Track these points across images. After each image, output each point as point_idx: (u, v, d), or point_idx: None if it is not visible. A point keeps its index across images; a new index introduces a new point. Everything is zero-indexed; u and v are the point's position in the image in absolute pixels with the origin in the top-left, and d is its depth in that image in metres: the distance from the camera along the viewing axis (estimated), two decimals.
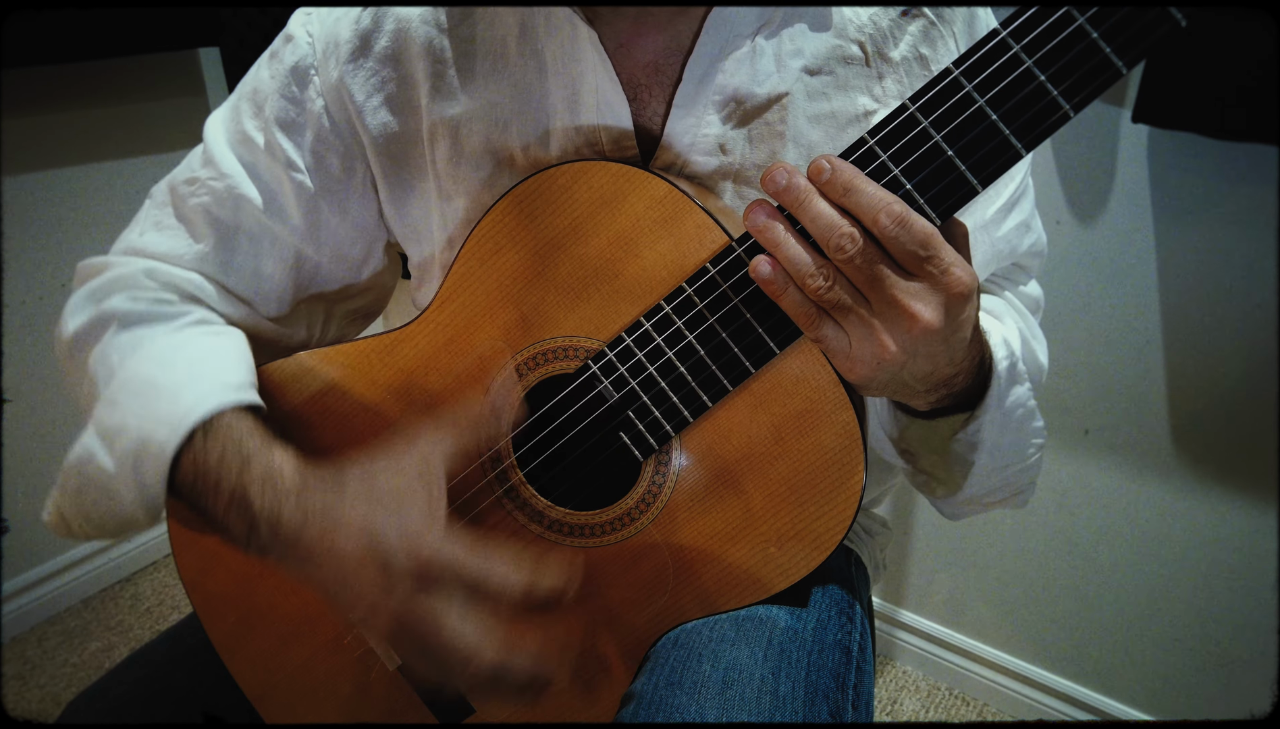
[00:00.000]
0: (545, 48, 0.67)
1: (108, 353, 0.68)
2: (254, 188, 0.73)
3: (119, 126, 1.79)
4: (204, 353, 0.68)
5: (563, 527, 0.68)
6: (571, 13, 0.64)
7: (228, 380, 0.66)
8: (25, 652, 1.78)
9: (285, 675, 0.73)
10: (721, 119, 0.67)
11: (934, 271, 0.52)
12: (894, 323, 0.53)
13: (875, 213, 0.52)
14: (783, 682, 0.63)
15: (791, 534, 0.64)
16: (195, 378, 0.65)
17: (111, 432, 0.64)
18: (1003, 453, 0.67)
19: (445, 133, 0.70)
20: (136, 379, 0.66)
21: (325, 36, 0.70)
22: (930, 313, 0.52)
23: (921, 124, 0.53)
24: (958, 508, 0.74)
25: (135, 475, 0.63)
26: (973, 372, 0.61)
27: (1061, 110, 0.51)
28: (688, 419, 0.63)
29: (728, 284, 0.60)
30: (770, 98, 0.66)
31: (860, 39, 0.66)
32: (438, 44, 0.69)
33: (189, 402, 0.63)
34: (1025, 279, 0.78)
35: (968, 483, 0.68)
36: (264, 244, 0.74)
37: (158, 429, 0.62)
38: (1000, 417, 0.64)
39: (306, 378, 0.71)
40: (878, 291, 0.53)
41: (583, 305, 0.64)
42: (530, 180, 0.64)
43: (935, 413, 0.66)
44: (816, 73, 0.67)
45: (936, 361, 0.56)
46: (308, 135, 0.72)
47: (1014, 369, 0.64)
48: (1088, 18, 0.49)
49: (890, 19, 0.66)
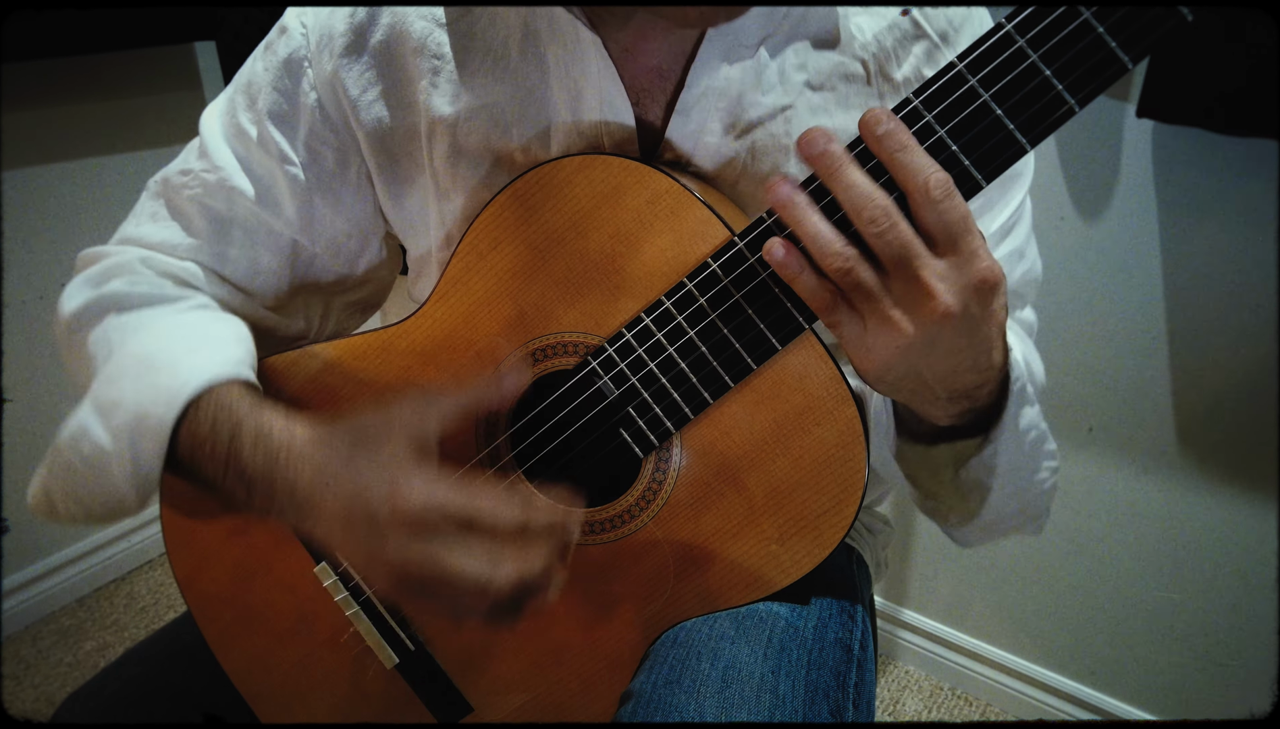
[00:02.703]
0: (548, 51, 0.66)
1: (108, 333, 0.68)
2: (246, 181, 0.72)
3: (114, 121, 1.79)
4: (203, 332, 0.68)
5: None
6: (574, 19, 0.63)
7: (227, 356, 0.66)
8: (20, 651, 1.77)
9: (281, 674, 0.73)
10: (723, 127, 0.66)
11: (965, 251, 0.50)
12: (915, 304, 0.51)
13: (926, 175, 0.50)
14: (782, 680, 0.63)
15: (793, 531, 0.63)
16: (193, 352, 0.65)
17: (108, 406, 0.64)
18: (1019, 476, 0.65)
19: (443, 132, 0.69)
20: (135, 356, 0.66)
21: (319, 28, 0.69)
22: (952, 297, 0.50)
23: (925, 118, 0.52)
24: (972, 535, 0.72)
25: (131, 450, 0.63)
26: (996, 388, 0.60)
27: (1066, 105, 0.50)
28: (688, 416, 0.62)
29: (729, 279, 0.59)
30: (774, 109, 0.66)
31: (864, 57, 0.65)
32: (435, 39, 0.68)
33: (185, 375, 0.63)
34: (1020, 305, 0.75)
35: (984, 509, 0.66)
36: (259, 235, 0.74)
37: (155, 403, 0.62)
38: (1016, 439, 0.62)
39: (299, 373, 0.71)
40: (903, 270, 0.51)
41: (583, 301, 0.64)
42: (530, 174, 0.63)
43: (949, 433, 0.64)
44: (819, 88, 0.66)
45: (959, 360, 0.54)
46: (301, 129, 0.71)
47: (1024, 391, 0.62)
48: (1094, 12, 0.49)
49: (895, 39, 0.65)
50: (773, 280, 0.58)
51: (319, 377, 0.71)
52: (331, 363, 0.71)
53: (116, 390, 0.64)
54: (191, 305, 0.71)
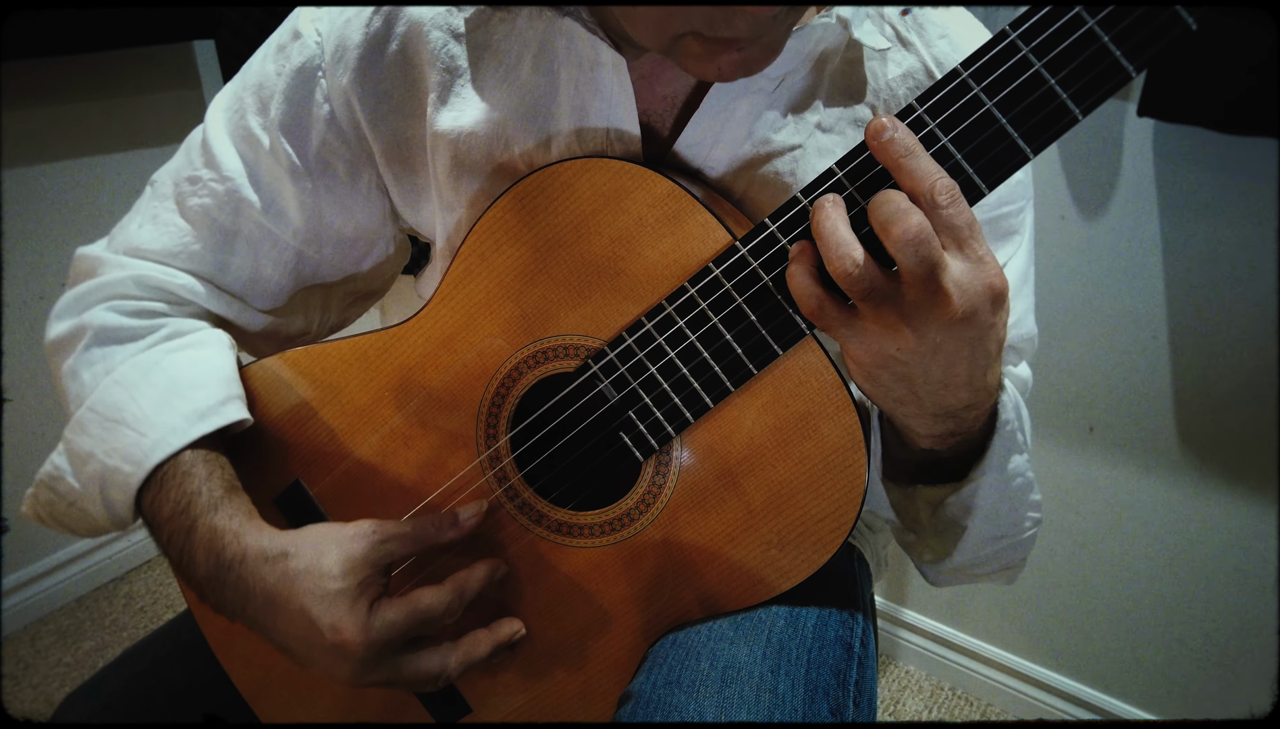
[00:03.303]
0: (561, 70, 0.65)
1: (78, 369, 0.69)
2: (253, 192, 0.72)
3: (113, 119, 1.79)
4: (174, 376, 0.67)
5: (563, 527, 0.67)
6: (597, 41, 0.62)
7: (196, 406, 0.66)
8: (19, 651, 1.77)
9: (280, 674, 0.73)
10: (729, 157, 0.66)
11: (973, 257, 0.50)
12: (928, 308, 0.51)
13: (932, 180, 0.50)
14: (782, 679, 0.63)
15: (793, 535, 0.63)
16: (161, 408, 0.66)
17: (79, 457, 0.66)
18: (999, 522, 0.65)
19: (445, 147, 0.68)
20: (105, 405, 0.67)
21: (335, 38, 0.68)
22: (964, 301, 0.50)
23: (929, 126, 0.52)
24: (943, 576, 0.72)
25: (102, 498, 0.66)
26: (985, 416, 0.60)
27: (1070, 114, 0.50)
28: (689, 420, 0.62)
29: (731, 284, 0.59)
30: (784, 147, 0.65)
31: (875, 103, 0.65)
32: (449, 51, 0.67)
33: (154, 438, 0.64)
34: (1016, 361, 0.74)
35: (958, 550, 0.67)
36: (263, 248, 0.73)
37: (123, 463, 0.64)
38: (1000, 481, 0.62)
39: (300, 377, 0.71)
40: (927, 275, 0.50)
41: (584, 304, 0.63)
42: (532, 177, 0.63)
43: (929, 470, 0.64)
44: (829, 131, 0.66)
45: (955, 370, 0.54)
46: (313, 141, 0.70)
47: (1014, 436, 0.62)
48: (1098, 20, 0.48)
49: (908, 88, 0.65)
50: (774, 286, 0.58)
51: (316, 387, 0.70)
52: (330, 366, 0.70)
53: (87, 442, 0.66)
54: (165, 335, 0.70)
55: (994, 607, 1.61)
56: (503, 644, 0.67)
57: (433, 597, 0.62)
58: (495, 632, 0.67)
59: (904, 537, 0.72)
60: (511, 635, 0.67)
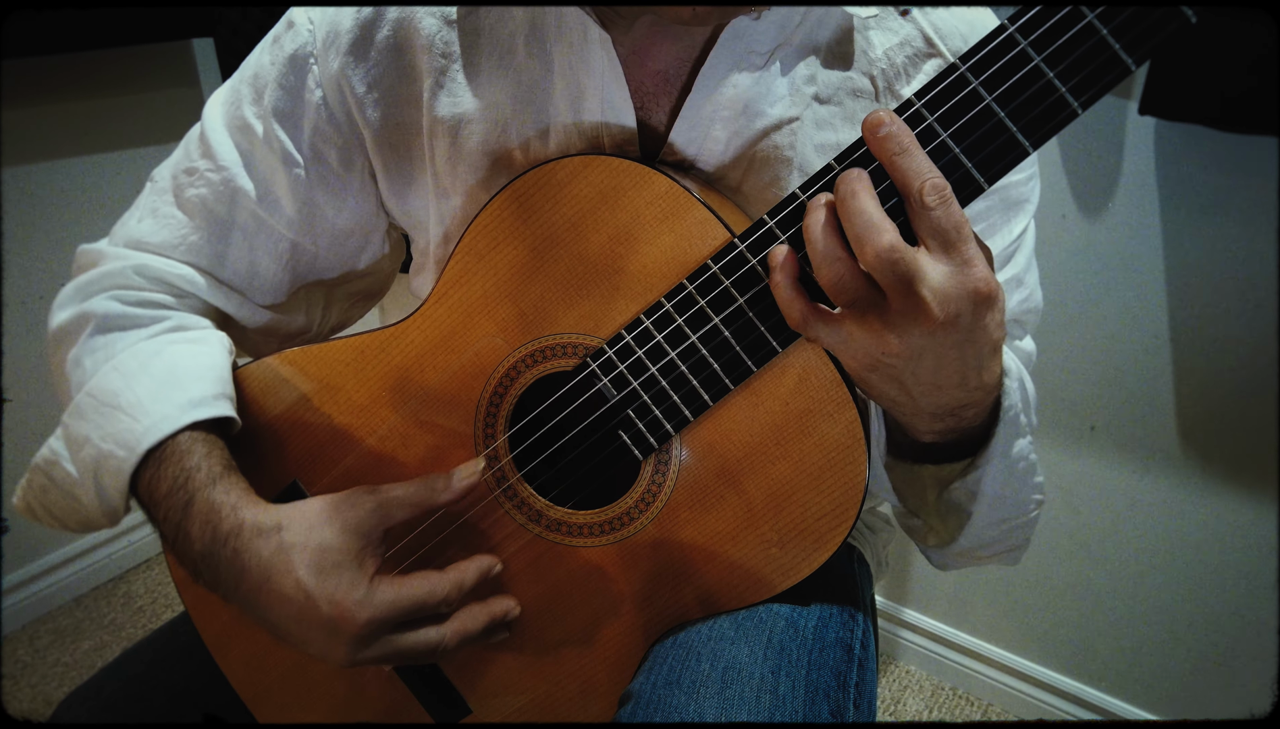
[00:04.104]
0: (554, 49, 0.66)
1: (81, 356, 0.69)
2: (249, 180, 0.72)
3: (112, 117, 1.79)
4: (173, 365, 0.68)
5: (562, 526, 0.67)
6: (585, 16, 0.62)
7: (192, 396, 0.66)
8: (17, 651, 1.77)
9: (279, 675, 0.73)
10: (727, 135, 0.65)
11: (958, 259, 0.50)
12: (908, 315, 0.51)
13: (922, 180, 0.50)
14: (782, 680, 0.63)
15: (794, 534, 0.63)
16: (157, 396, 0.66)
17: (76, 441, 0.66)
18: (1004, 506, 0.65)
19: (444, 132, 0.68)
20: (102, 391, 0.67)
21: (326, 24, 0.69)
22: (941, 307, 0.50)
23: (928, 120, 0.52)
24: (949, 560, 0.72)
25: (96, 485, 0.65)
26: (986, 412, 0.59)
27: (1069, 108, 0.50)
28: (688, 418, 0.62)
29: (730, 281, 0.59)
30: (780, 120, 0.65)
31: (872, 73, 0.65)
32: (443, 37, 0.67)
33: (147, 423, 0.64)
34: (1020, 334, 0.74)
35: (963, 535, 0.66)
36: (259, 238, 0.74)
37: (117, 448, 0.64)
38: (1005, 467, 0.62)
39: (298, 377, 0.71)
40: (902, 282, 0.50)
41: (582, 302, 0.63)
42: (529, 174, 0.63)
43: (933, 452, 0.63)
44: (826, 102, 0.66)
45: (945, 374, 0.54)
46: (305, 128, 0.71)
47: (1017, 420, 0.62)
48: (1097, 14, 0.48)
49: (906, 56, 0.65)
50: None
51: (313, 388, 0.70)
52: (328, 367, 0.70)
53: (84, 427, 0.66)
54: (167, 328, 0.71)
55: (995, 606, 1.60)
56: (498, 619, 0.66)
57: (432, 580, 0.62)
58: (490, 606, 0.66)
59: (908, 521, 0.72)
60: (506, 611, 0.67)
